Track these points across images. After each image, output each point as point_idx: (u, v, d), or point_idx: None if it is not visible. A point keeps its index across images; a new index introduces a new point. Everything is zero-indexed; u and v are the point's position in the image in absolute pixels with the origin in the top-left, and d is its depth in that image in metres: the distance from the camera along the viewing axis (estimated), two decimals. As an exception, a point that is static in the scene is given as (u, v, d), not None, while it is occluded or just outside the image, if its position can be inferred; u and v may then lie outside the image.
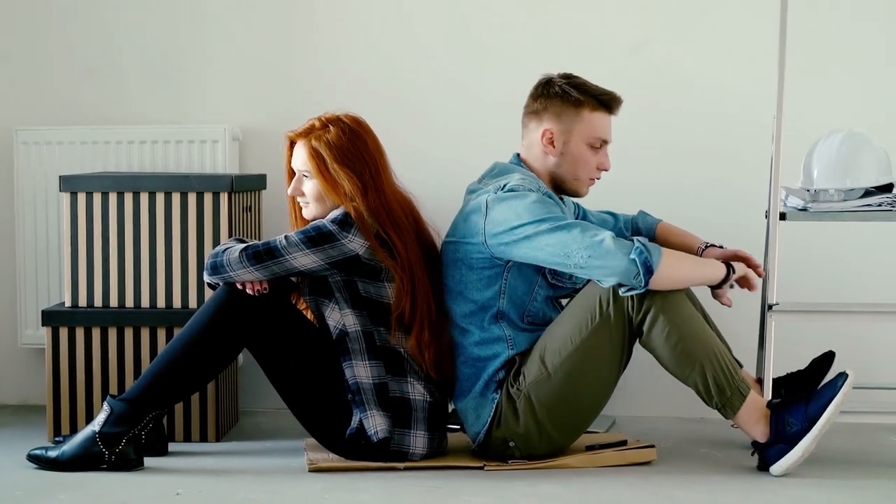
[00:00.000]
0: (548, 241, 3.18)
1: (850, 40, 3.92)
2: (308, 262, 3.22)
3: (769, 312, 3.40)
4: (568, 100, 3.36)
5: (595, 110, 3.37)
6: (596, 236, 3.16)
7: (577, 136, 3.37)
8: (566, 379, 3.22)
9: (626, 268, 3.13)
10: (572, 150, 3.37)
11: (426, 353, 3.27)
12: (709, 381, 3.18)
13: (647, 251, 3.12)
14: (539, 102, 3.39)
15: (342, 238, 3.21)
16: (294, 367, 3.27)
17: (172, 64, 4.13)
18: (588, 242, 3.15)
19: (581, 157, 3.38)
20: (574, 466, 3.29)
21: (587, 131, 3.37)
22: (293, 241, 3.22)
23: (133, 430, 3.24)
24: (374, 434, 3.23)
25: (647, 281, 3.12)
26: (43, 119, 4.11)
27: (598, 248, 3.14)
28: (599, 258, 3.14)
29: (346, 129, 3.29)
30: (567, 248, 3.17)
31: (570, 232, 3.17)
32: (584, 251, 3.15)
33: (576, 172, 3.38)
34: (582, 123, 3.36)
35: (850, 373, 3.18)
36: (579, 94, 3.35)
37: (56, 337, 3.62)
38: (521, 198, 3.23)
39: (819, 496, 3.05)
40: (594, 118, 3.37)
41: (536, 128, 3.39)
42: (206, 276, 3.27)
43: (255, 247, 3.23)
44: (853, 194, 3.47)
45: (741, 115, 3.92)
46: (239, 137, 4.06)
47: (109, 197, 3.63)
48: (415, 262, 3.27)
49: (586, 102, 3.36)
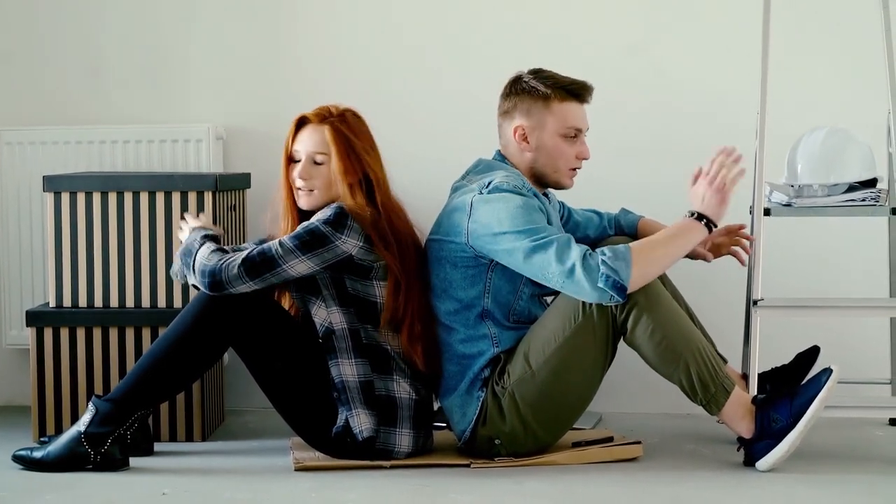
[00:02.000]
0: (527, 258, 3.17)
1: (833, 37, 3.93)
2: (304, 269, 3.22)
3: (754, 308, 3.41)
4: (535, 94, 3.36)
5: (564, 100, 3.36)
6: (567, 261, 3.13)
7: (549, 129, 3.36)
8: (550, 377, 3.22)
9: (598, 296, 3.13)
10: (547, 144, 3.37)
11: (418, 345, 3.27)
12: (693, 378, 3.18)
13: (615, 271, 3.10)
14: (509, 101, 3.39)
15: (336, 240, 3.20)
16: (279, 366, 3.27)
17: (156, 63, 4.12)
18: (561, 269, 3.14)
19: (556, 148, 3.37)
20: (560, 463, 3.29)
21: (558, 123, 3.36)
22: (288, 248, 3.20)
23: (118, 430, 3.24)
24: (360, 433, 3.23)
25: (624, 296, 3.12)
26: (26, 119, 4.10)
27: (569, 277, 3.13)
28: (572, 285, 3.14)
29: (359, 121, 3.32)
30: (544, 272, 3.17)
31: (546, 252, 3.15)
32: (559, 277, 3.15)
33: (555, 165, 3.38)
34: (552, 116, 3.36)
35: (834, 368, 3.19)
36: (545, 88, 3.35)
37: (40, 337, 3.62)
38: (505, 201, 3.22)
39: (805, 491, 3.06)
40: (564, 109, 3.36)
41: (509, 126, 3.39)
42: (203, 289, 3.21)
43: (251, 259, 3.19)
44: (837, 189, 3.48)
45: (724, 112, 3.92)
46: (223, 136, 4.06)
47: (93, 197, 3.62)
48: (411, 257, 3.28)
49: (554, 94, 3.35)
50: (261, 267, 3.19)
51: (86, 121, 4.09)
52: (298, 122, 3.32)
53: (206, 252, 3.23)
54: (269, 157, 3.45)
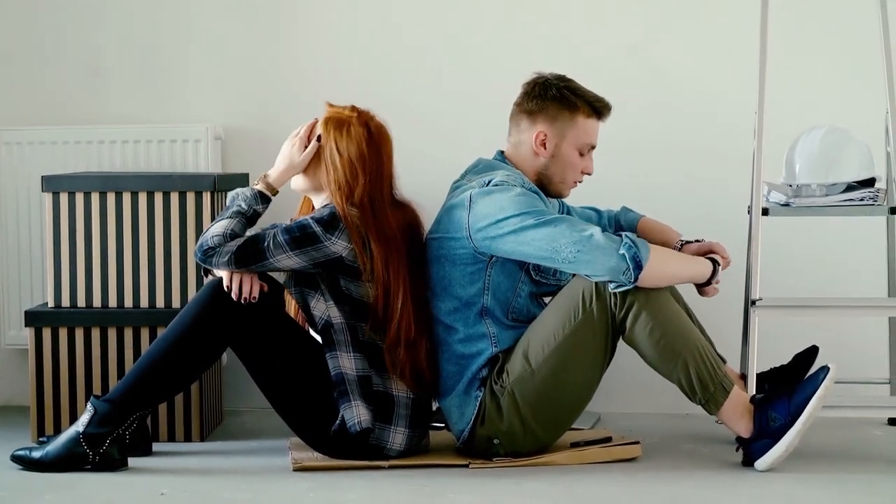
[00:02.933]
0: (535, 235, 3.18)
1: (832, 36, 3.93)
2: (291, 264, 3.22)
3: (752, 308, 3.41)
4: (564, 104, 3.36)
5: (589, 117, 3.37)
6: (584, 231, 3.16)
7: (569, 141, 3.37)
8: (550, 376, 3.22)
9: (615, 263, 3.13)
10: (563, 154, 3.38)
11: (405, 370, 3.27)
12: (692, 377, 3.18)
13: (637, 247, 3.13)
14: (534, 103, 3.38)
15: (325, 240, 3.21)
16: (278, 366, 3.27)
17: (155, 63, 4.12)
18: (577, 237, 3.15)
19: (570, 161, 3.38)
20: (559, 463, 3.29)
21: (580, 137, 3.37)
22: (279, 243, 3.20)
23: (117, 430, 3.23)
24: (356, 424, 3.22)
25: (637, 277, 3.13)
26: (25, 119, 4.10)
27: (587, 243, 3.14)
28: (588, 253, 3.14)
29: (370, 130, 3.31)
30: (555, 243, 3.17)
31: (557, 226, 3.17)
32: (573, 246, 3.15)
33: (563, 175, 3.39)
34: (576, 129, 3.37)
35: (831, 366, 3.19)
36: (576, 99, 3.36)
37: (39, 337, 3.62)
38: (506, 191, 3.23)
39: (804, 491, 3.06)
40: (587, 124, 3.38)
41: (529, 127, 3.38)
42: (196, 253, 3.23)
43: (242, 248, 3.20)
44: (835, 189, 3.48)
45: (723, 112, 3.92)
46: (221, 136, 4.05)
47: (92, 197, 3.62)
48: (394, 276, 3.26)
49: (581, 108, 3.36)
50: (249, 258, 3.20)
51: (84, 121, 4.09)
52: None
53: (219, 229, 3.23)
54: (267, 158, 3.44)
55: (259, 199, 3.32)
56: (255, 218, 3.32)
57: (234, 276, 3.22)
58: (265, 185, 3.34)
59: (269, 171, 3.36)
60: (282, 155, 3.35)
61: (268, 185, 3.34)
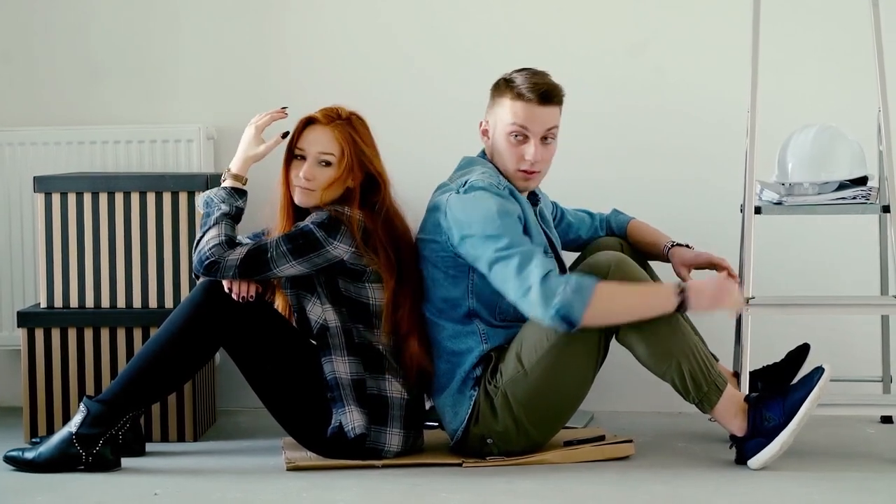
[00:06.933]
0: (489, 268, 3.16)
1: (824, 35, 3.93)
2: (294, 272, 3.23)
3: (745, 306, 3.41)
4: (496, 90, 3.35)
5: (516, 99, 3.30)
6: (526, 280, 3.10)
7: (499, 127, 3.33)
8: (542, 376, 3.22)
9: (549, 322, 3.11)
10: (496, 141, 3.35)
11: (411, 365, 3.28)
12: (685, 376, 3.18)
13: (569, 305, 3.06)
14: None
15: (328, 245, 3.20)
16: (271, 367, 3.27)
17: (146, 63, 4.12)
18: (518, 287, 3.11)
19: (499, 147, 3.33)
20: (552, 462, 3.29)
21: (504, 119, 3.32)
22: (282, 252, 3.19)
23: (110, 430, 3.23)
24: (352, 430, 3.22)
25: (572, 329, 3.10)
26: (17, 120, 4.09)
27: (525, 297, 3.11)
28: (526, 305, 3.13)
29: (363, 125, 3.32)
30: (504, 284, 3.16)
31: (507, 265, 3.13)
32: (514, 293, 3.13)
33: (504, 164, 3.34)
34: (503, 111, 3.32)
35: (826, 367, 3.19)
36: (506, 84, 3.33)
37: (32, 338, 3.61)
38: (479, 201, 3.21)
39: (797, 489, 3.06)
40: (513, 106, 3.30)
41: None
42: (196, 267, 3.22)
43: (246, 260, 3.18)
44: (828, 187, 3.48)
45: (715, 111, 3.92)
46: (213, 136, 4.05)
47: (84, 197, 3.62)
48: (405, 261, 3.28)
49: (508, 91, 3.31)
50: (253, 270, 3.20)
51: (77, 121, 4.08)
52: (306, 121, 3.31)
53: (213, 239, 3.21)
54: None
55: (235, 194, 3.29)
56: (240, 215, 3.29)
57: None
58: (233, 178, 3.31)
59: (230, 165, 3.33)
60: (243, 142, 3.32)
61: (235, 177, 3.31)
